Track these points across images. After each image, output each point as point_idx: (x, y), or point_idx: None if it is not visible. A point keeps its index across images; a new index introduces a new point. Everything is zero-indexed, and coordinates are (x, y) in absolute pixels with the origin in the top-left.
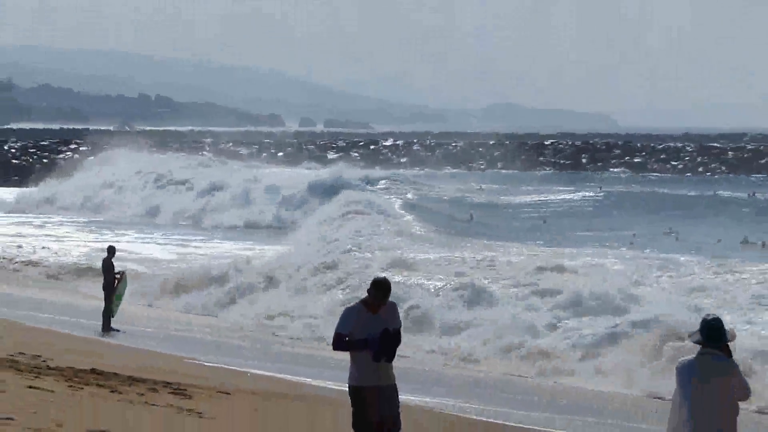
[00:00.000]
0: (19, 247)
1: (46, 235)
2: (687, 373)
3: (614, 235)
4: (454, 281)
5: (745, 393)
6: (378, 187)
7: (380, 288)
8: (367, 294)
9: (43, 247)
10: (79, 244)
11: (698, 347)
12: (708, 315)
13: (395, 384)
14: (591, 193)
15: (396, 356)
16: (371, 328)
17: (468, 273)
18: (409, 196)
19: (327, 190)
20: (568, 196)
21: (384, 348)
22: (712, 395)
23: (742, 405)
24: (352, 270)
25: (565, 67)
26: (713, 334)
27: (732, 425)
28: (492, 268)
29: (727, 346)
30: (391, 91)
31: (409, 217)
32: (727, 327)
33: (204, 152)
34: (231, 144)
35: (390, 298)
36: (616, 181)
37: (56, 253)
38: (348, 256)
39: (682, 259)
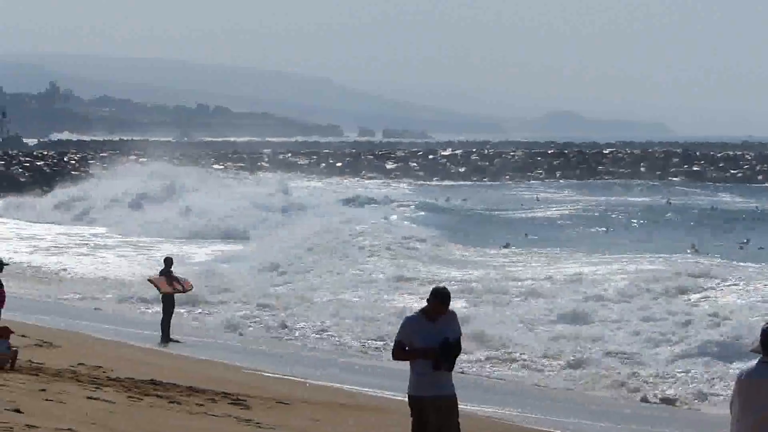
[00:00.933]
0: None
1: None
2: (745, 382)
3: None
4: None
5: None
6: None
7: (440, 296)
8: (426, 303)
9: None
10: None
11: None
12: (766, 323)
13: (455, 394)
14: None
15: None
16: (431, 338)
17: None
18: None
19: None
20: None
21: (444, 357)
22: (760, 402)
23: None
24: None
25: (621, 77)
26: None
27: None
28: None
29: None
30: (448, 100)
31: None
32: None
33: (263, 162)
34: (290, 154)
35: None
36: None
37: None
38: None
39: None
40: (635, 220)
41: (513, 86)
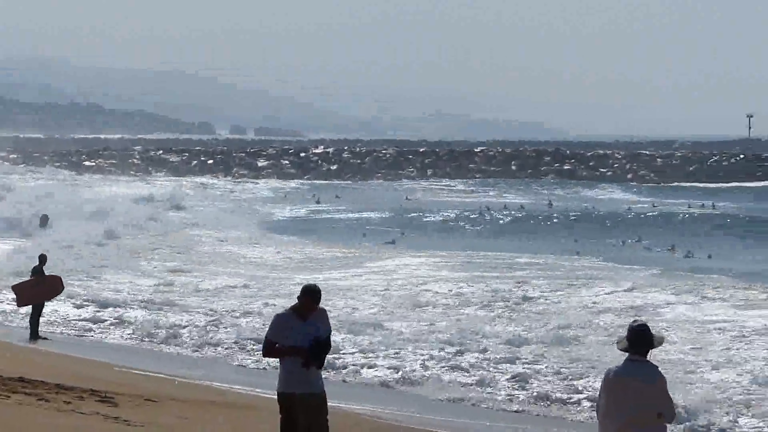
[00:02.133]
0: None
1: None
2: (613, 380)
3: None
4: None
5: (669, 411)
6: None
7: (311, 294)
8: (297, 301)
9: None
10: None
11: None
12: (634, 321)
13: (324, 391)
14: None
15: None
16: (302, 335)
17: None
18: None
19: None
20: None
21: (314, 355)
22: (629, 402)
23: None
24: None
25: (498, 77)
26: (637, 341)
27: None
28: None
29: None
30: (322, 99)
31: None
32: (655, 333)
33: (134, 159)
34: (161, 152)
35: None
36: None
37: None
38: None
39: None
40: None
41: (389, 86)
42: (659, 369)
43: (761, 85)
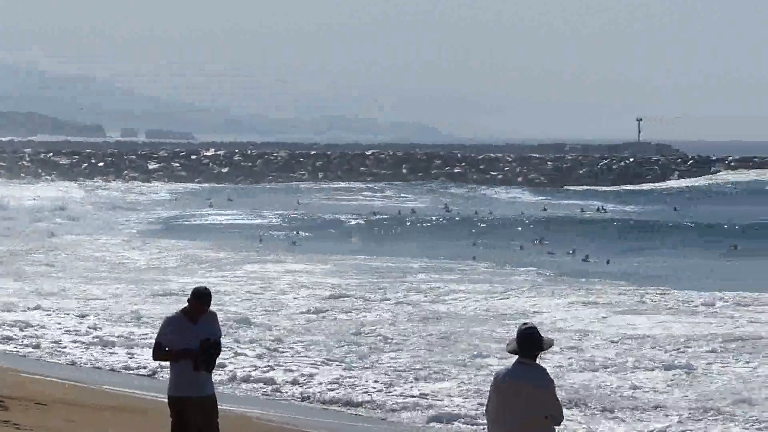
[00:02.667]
0: None
1: None
2: (503, 383)
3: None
4: None
5: (558, 414)
6: None
7: (200, 297)
8: (187, 304)
9: None
10: None
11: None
12: (524, 324)
13: (215, 394)
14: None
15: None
16: (192, 338)
17: None
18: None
19: None
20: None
21: (204, 358)
22: (520, 406)
23: None
24: None
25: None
26: (526, 344)
27: None
28: None
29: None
30: (214, 100)
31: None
32: (544, 337)
33: (24, 162)
34: (51, 154)
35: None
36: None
37: None
38: None
39: None
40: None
41: (284, 86)
42: (548, 372)
43: (651, 88)
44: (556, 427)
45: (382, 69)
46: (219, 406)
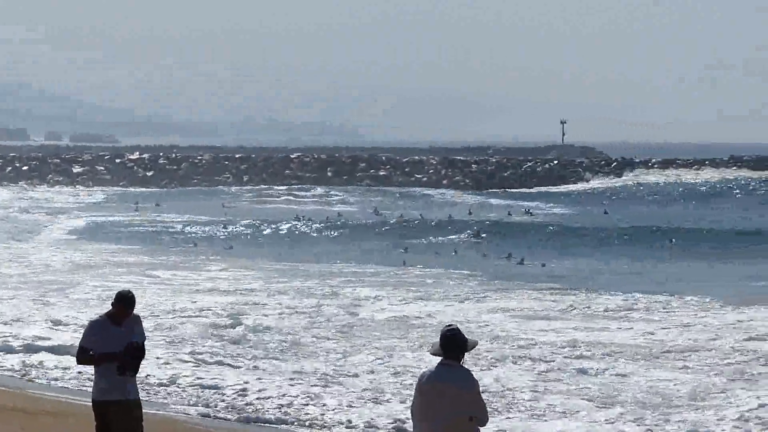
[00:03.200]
0: None
1: None
2: (426, 386)
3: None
4: None
5: (483, 415)
6: None
7: (124, 300)
8: (111, 307)
9: None
10: None
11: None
12: (447, 326)
13: (139, 398)
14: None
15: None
16: (116, 341)
17: None
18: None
19: None
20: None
21: (129, 361)
22: (444, 407)
23: None
24: None
25: (318, 80)
26: (449, 345)
27: None
28: None
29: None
30: (137, 104)
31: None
32: (469, 338)
33: None
34: None
35: None
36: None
37: None
38: None
39: None
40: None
41: (205, 89)
42: (472, 373)
43: (575, 91)
44: (481, 429)
45: (302, 72)
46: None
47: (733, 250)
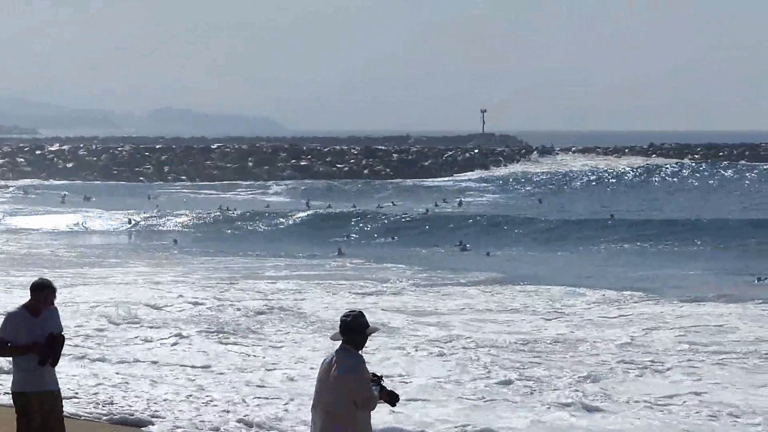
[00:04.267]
0: None
1: None
2: (321, 368)
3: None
4: None
5: (364, 401)
6: None
7: (38, 289)
8: (30, 298)
9: None
10: None
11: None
12: (349, 311)
13: (59, 388)
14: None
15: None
16: (35, 332)
17: None
18: None
19: None
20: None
21: (50, 352)
22: (330, 390)
23: None
24: None
25: (235, 72)
26: (345, 330)
27: (348, 422)
28: None
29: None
30: (56, 96)
31: None
32: (369, 324)
33: None
34: None
35: None
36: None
37: None
38: None
39: None
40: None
41: (123, 80)
42: (362, 359)
43: (495, 81)
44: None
45: (216, 63)
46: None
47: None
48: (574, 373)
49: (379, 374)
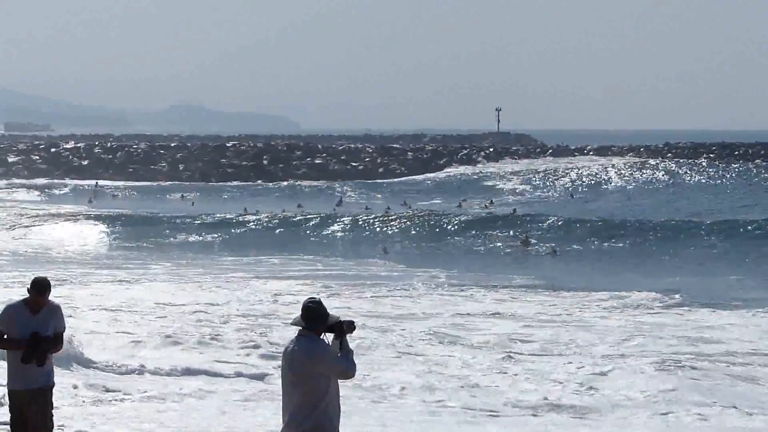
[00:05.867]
0: None
1: None
2: (288, 355)
3: None
4: None
5: (342, 372)
6: None
7: (36, 287)
8: (29, 294)
9: None
10: None
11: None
12: (309, 298)
13: (50, 386)
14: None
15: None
16: (29, 328)
17: None
18: None
19: None
20: None
21: (31, 351)
22: (299, 376)
23: None
24: None
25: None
26: (306, 316)
27: (329, 413)
28: None
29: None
30: (70, 93)
31: None
32: (331, 314)
33: None
34: None
35: None
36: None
37: None
38: None
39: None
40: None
41: (137, 77)
42: (324, 342)
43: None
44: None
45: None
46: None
47: None
48: None
49: (341, 320)
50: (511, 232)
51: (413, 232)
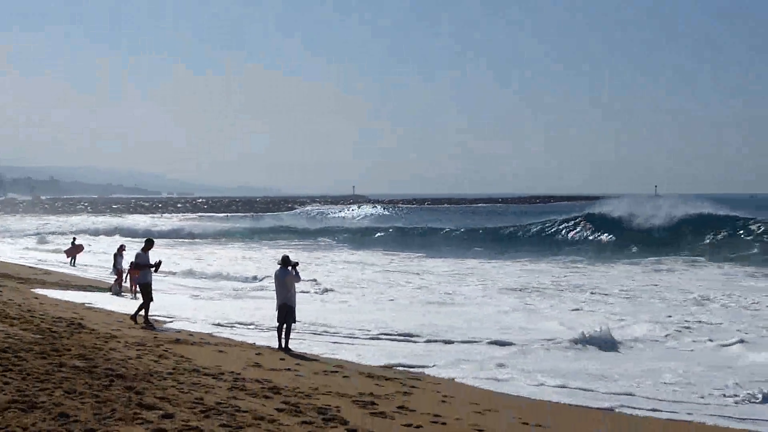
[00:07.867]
0: None
1: None
2: (275, 274)
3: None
4: None
5: (297, 282)
6: None
7: (148, 243)
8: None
9: None
10: None
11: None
12: (283, 255)
13: (149, 281)
14: None
15: None
16: (153, 260)
17: None
18: None
19: None
20: None
21: (157, 267)
22: (283, 285)
23: None
24: None
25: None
26: (283, 260)
27: (293, 297)
28: None
29: (288, 264)
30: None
31: None
32: (291, 258)
33: None
34: None
35: None
36: None
37: None
38: None
39: None
40: None
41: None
42: (291, 270)
43: None
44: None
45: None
46: None
47: None
48: None
49: (295, 262)
50: None
51: None
